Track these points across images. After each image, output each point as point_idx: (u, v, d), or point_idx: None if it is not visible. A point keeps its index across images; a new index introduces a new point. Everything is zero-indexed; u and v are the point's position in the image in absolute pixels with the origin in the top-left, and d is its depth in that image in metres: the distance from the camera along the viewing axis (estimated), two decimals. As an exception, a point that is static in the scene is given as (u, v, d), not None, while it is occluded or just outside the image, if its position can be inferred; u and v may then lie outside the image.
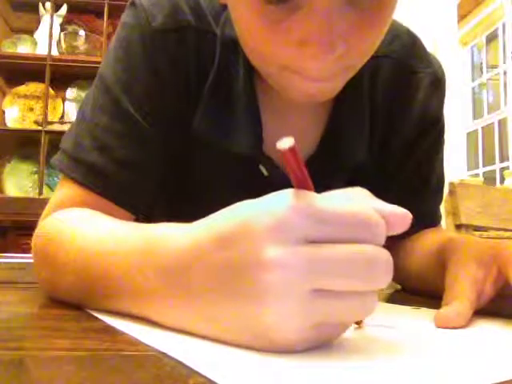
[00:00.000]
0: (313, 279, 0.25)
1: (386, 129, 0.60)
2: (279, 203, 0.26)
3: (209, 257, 0.27)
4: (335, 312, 0.26)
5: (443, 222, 0.71)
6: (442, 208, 0.70)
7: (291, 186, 0.27)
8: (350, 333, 0.32)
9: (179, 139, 0.55)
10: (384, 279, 0.26)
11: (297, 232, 0.25)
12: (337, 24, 0.39)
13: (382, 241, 0.27)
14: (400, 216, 0.28)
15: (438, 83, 0.62)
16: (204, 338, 0.28)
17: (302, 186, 0.26)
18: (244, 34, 0.44)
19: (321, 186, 0.29)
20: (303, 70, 0.43)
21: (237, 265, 0.26)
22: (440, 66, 0.63)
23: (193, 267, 0.28)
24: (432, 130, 0.63)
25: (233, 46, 0.53)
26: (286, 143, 0.25)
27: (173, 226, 0.32)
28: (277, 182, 0.55)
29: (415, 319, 0.40)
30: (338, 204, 0.26)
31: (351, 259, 0.25)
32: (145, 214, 0.54)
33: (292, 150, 0.25)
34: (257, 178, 0.55)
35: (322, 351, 0.27)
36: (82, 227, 0.42)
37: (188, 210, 0.31)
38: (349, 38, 0.41)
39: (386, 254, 0.26)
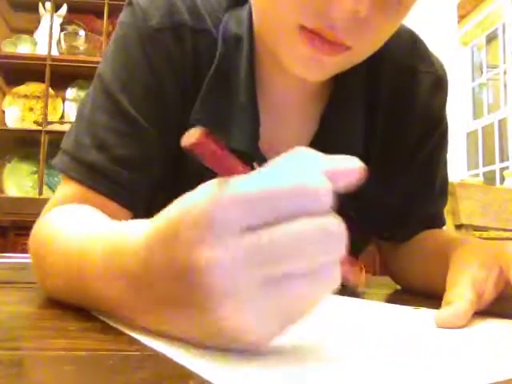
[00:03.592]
0: (257, 269, 0.23)
1: (389, 128, 0.60)
2: (204, 195, 0.24)
3: (155, 259, 0.26)
4: (297, 295, 0.24)
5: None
6: (442, 208, 0.69)
7: None
8: (351, 335, 0.32)
9: (177, 137, 0.55)
10: (337, 247, 0.24)
11: (226, 224, 0.23)
12: None
13: (327, 203, 0.24)
14: (345, 170, 0.25)
15: (440, 83, 0.62)
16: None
17: (228, 172, 0.24)
18: None
19: None
20: (320, 22, 0.42)
21: (175, 269, 0.25)
22: (442, 66, 0.63)
23: (146, 270, 0.27)
24: (435, 130, 0.63)
25: (235, 42, 0.53)
26: (192, 136, 0.22)
27: (137, 225, 0.30)
28: None
29: (415, 319, 0.40)
30: (270, 179, 0.23)
31: (293, 238, 0.23)
32: (144, 213, 0.54)
33: (202, 139, 0.22)
34: None
35: (320, 350, 0.27)
36: (67, 229, 0.41)
37: None
38: (377, 10, 0.42)
39: (331, 220, 0.24)
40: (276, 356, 0.26)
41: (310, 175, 0.24)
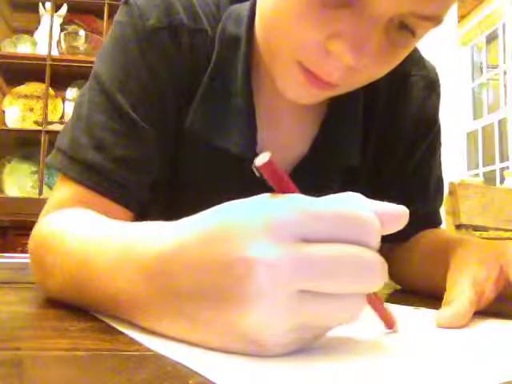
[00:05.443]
0: (300, 280, 0.24)
1: (384, 131, 0.61)
2: (268, 201, 0.25)
3: (191, 253, 0.26)
4: (320, 315, 0.25)
5: (443, 222, 0.71)
6: (442, 208, 0.70)
7: None
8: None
9: (174, 138, 0.55)
10: (375, 283, 0.25)
11: (285, 229, 0.24)
12: (374, 40, 0.42)
13: (376, 240, 0.26)
14: (395, 214, 0.28)
15: (433, 86, 0.63)
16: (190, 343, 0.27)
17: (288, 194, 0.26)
18: (280, 13, 0.44)
19: (313, 187, 0.28)
20: (317, 67, 0.44)
21: (220, 261, 0.25)
22: (434, 69, 0.65)
23: (174, 264, 0.27)
24: (429, 131, 0.64)
25: (233, 43, 0.53)
26: (262, 159, 0.25)
27: (156, 225, 0.31)
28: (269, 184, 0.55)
29: (415, 319, 0.40)
30: (328, 204, 0.25)
31: (341, 261, 0.24)
32: (142, 212, 0.54)
33: (269, 164, 0.25)
34: (249, 179, 0.55)
35: (320, 352, 0.27)
36: (71, 229, 0.41)
37: (183, 209, 0.31)
38: (373, 60, 0.43)
39: (377, 257, 0.26)
40: (278, 355, 0.25)
41: (365, 210, 0.26)
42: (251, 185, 0.39)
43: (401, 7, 0.40)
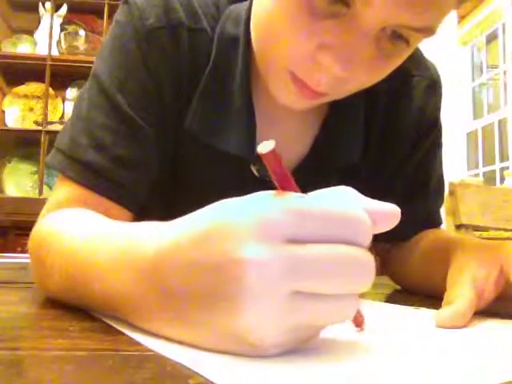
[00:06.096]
0: (292, 281, 0.24)
1: (385, 131, 0.61)
2: (260, 201, 0.25)
3: (185, 255, 0.26)
4: (314, 316, 0.25)
5: (443, 222, 0.71)
6: (442, 208, 0.70)
7: None
8: (352, 335, 0.32)
9: (173, 137, 0.55)
10: (364, 283, 0.25)
11: (277, 230, 0.24)
12: (363, 51, 0.42)
13: (367, 239, 0.26)
14: (386, 212, 0.28)
15: (434, 86, 0.64)
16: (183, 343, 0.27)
17: (285, 187, 0.26)
18: (271, 23, 0.44)
19: (313, 187, 0.28)
20: (306, 76, 0.44)
21: (214, 263, 0.25)
22: (435, 70, 0.65)
23: (168, 266, 0.27)
24: (430, 132, 0.64)
25: (232, 43, 0.53)
26: (266, 146, 0.24)
27: (152, 225, 0.31)
28: (268, 183, 0.55)
29: (415, 319, 0.40)
30: (321, 202, 0.25)
31: (334, 261, 0.24)
32: (142, 212, 0.54)
33: (272, 152, 0.24)
34: (248, 179, 0.55)
35: (320, 351, 0.27)
36: (70, 229, 0.41)
37: (182, 209, 0.31)
38: (362, 70, 0.43)
39: (368, 257, 0.26)
40: (277, 355, 0.25)
41: (357, 208, 0.26)
42: (250, 185, 0.39)
43: (389, 20, 0.40)
